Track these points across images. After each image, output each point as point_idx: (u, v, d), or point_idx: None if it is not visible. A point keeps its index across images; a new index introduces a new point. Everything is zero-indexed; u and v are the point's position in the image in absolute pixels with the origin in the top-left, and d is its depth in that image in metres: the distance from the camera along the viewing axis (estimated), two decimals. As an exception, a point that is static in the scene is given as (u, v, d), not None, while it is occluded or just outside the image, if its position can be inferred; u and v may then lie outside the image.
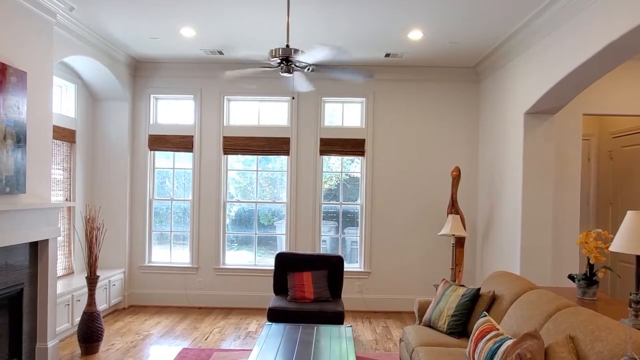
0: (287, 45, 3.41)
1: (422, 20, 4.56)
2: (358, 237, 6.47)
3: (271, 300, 4.77)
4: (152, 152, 6.46)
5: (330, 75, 3.58)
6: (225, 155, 6.44)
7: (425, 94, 6.35)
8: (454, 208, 5.66)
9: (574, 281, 3.50)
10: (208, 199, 6.41)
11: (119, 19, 4.74)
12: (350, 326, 3.90)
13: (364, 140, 6.34)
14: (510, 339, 2.75)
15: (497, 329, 2.94)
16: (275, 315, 4.49)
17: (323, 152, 6.35)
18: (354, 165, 6.50)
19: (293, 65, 3.37)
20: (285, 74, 3.42)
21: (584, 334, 2.46)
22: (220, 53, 5.75)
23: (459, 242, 5.69)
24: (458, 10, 4.28)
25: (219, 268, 6.38)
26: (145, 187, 6.40)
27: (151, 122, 6.43)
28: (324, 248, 6.53)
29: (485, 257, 5.93)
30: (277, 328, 3.74)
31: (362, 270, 6.37)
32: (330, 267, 5.10)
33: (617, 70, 5.09)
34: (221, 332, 5.31)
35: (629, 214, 2.70)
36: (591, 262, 3.33)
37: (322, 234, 6.47)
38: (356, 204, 6.45)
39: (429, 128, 6.35)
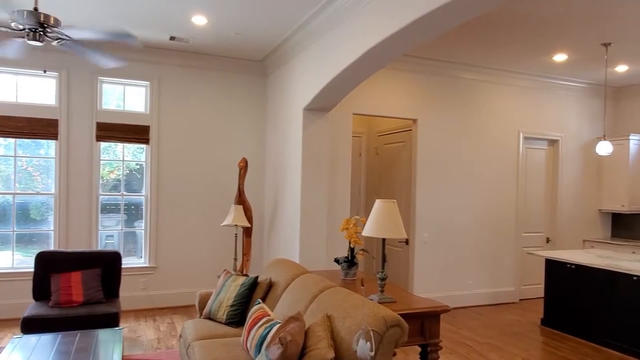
0: (36, 9, 2.87)
1: (205, 5, 4.42)
2: (143, 231, 6.06)
3: (28, 308, 4.10)
4: None
5: (94, 40, 3.15)
6: (-29, 138, 5.30)
7: (214, 83, 6.25)
8: (240, 198, 5.73)
9: (339, 264, 3.86)
10: (-55, 190, 5.19)
11: None
12: (122, 328, 3.60)
13: (149, 127, 5.93)
14: (279, 323, 2.87)
15: (269, 315, 3.04)
16: (31, 326, 3.87)
17: (100, 138, 5.73)
18: (145, 154, 6.04)
19: (41, 33, 2.85)
20: (34, 43, 2.88)
21: (338, 311, 2.70)
22: (-40, 11, 4.67)
23: (247, 232, 5.78)
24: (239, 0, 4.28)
25: (-38, 275, 5.24)
26: None
27: None
28: (112, 244, 5.94)
29: (271, 246, 6.17)
30: (27, 340, 3.21)
31: (148, 265, 5.99)
32: (105, 265, 4.64)
33: (379, 76, 5.82)
34: (-40, 352, 4.36)
35: (377, 203, 3.06)
36: (351, 245, 3.72)
37: (107, 228, 5.87)
38: (140, 195, 6.02)
39: (218, 118, 6.29)
